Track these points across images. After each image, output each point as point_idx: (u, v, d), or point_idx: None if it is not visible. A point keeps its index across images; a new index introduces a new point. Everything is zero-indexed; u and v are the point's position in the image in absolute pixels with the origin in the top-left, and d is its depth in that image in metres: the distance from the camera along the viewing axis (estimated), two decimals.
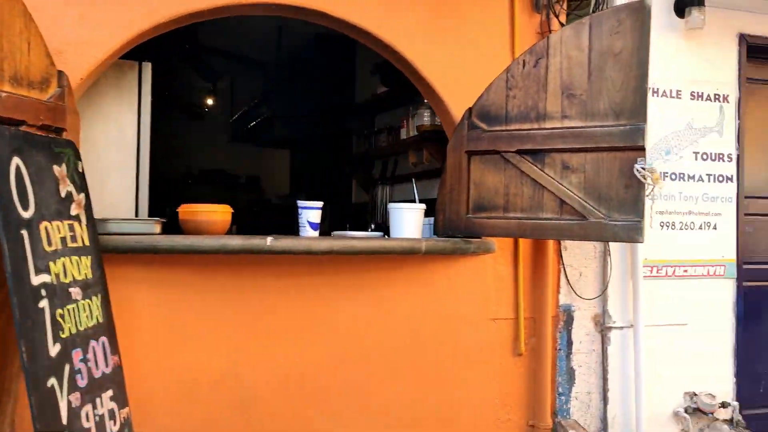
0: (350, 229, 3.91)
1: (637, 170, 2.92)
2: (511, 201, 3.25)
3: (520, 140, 3.21)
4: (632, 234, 2.96)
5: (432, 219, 3.50)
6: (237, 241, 2.91)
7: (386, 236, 3.43)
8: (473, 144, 3.33)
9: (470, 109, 3.32)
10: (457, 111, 3.39)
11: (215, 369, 3.09)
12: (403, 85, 4.14)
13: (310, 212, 3.16)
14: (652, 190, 2.93)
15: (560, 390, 3.60)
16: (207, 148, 8.87)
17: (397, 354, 3.35)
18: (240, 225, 6.67)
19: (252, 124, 8.05)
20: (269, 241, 2.96)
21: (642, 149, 2.93)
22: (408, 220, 3.35)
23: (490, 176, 3.30)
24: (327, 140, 7.26)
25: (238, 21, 4.47)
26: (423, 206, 3.44)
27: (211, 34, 6.12)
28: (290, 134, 7.77)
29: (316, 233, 3.20)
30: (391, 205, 3.41)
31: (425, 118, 4.41)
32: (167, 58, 6.47)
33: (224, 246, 2.89)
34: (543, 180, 3.15)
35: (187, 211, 2.98)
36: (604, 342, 3.67)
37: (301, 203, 3.11)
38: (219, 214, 3.00)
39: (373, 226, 5.72)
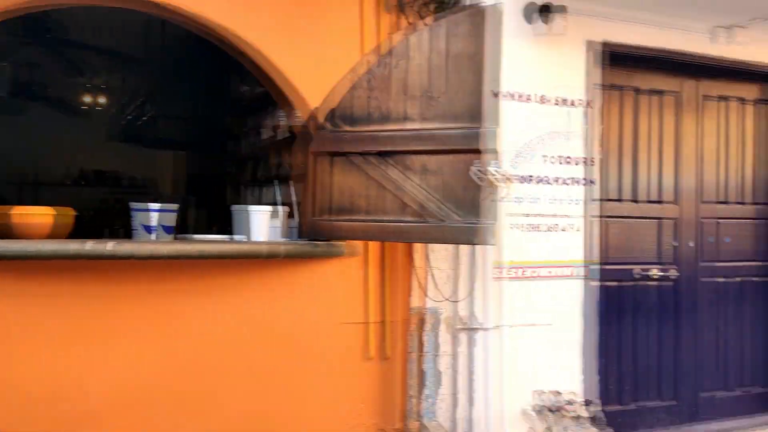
0: (221, 233, 3.76)
1: (476, 173, 2.93)
2: (364, 203, 3.21)
3: (372, 142, 3.17)
4: (486, 237, 2.97)
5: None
6: (52, 246, 2.69)
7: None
8: (326, 145, 3.28)
9: (333, 110, 3.26)
10: (321, 112, 3.30)
11: (51, 382, 2.88)
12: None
13: (142, 214, 2.99)
14: (497, 193, 2.95)
15: (427, 392, 3.57)
16: (92, 148, 8.42)
17: (246, 361, 3.25)
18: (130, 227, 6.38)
19: (137, 123, 7.70)
20: (111, 245, 2.78)
21: (484, 152, 2.93)
22: (254, 222, 3.25)
23: (344, 178, 3.25)
24: (211, 141, 7.05)
25: (113, 16, 4.25)
26: (269, 208, 3.35)
27: (85, 29, 5.79)
28: (176, 135, 7.52)
29: (152, 236, 3.05)
30: (234, 207, 3.30)
31: (283, 118, 4.31)
32: (36, 55, 6.11)
33: (38, 251, 2.66)
34: (395, 182, 3.12)
35: None
36: (469, 343, 3.67)
37: (134, 205, 2.94)
38: (37, 216, 2.78)
39: None
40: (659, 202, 4.40)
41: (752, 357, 4.67)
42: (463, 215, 3.00)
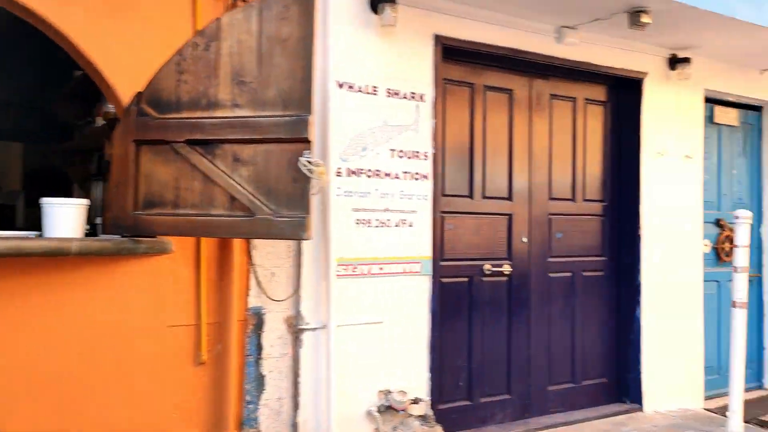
0: None
1: (303, 164, 2.79)
2: (182, 196, 2.97)
3: (190, 129, 2.94)
4: (298, 231, 2.82)
5: None
6: None
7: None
8: (142, 133, 3.00)
9: (140, 94, 2.99)
10: (128, 96, 3.03)
11: None
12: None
13: None
14: (314, 186, 2.80)
15: (248, 398, 3.37)
16: None
17: (51, 374, 2.91)
18: None
19: None
20: None
21: (307, 141, 2.80)
22: (61, 216, 2.93)
23: (160, 169, 2.99)
24: (52, 131, 6.47)
25: None
26: (83, 201, 3.05)
27: None
28: (14, 124, 6.84)
29: None
30: (43, 200, 2.96)
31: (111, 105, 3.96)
32: None
33: None
34: (213, 173, 2.91)
35: None
36: (296, 345, 3.51)
37: None
38: None
39: (87, 227, 5.14)
40: (498, 198, 4.45)
41: (590, 350, 4.83)
42: (276, 208, 2.84)
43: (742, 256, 4.14)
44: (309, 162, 2.79)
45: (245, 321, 3.39)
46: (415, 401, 3.73)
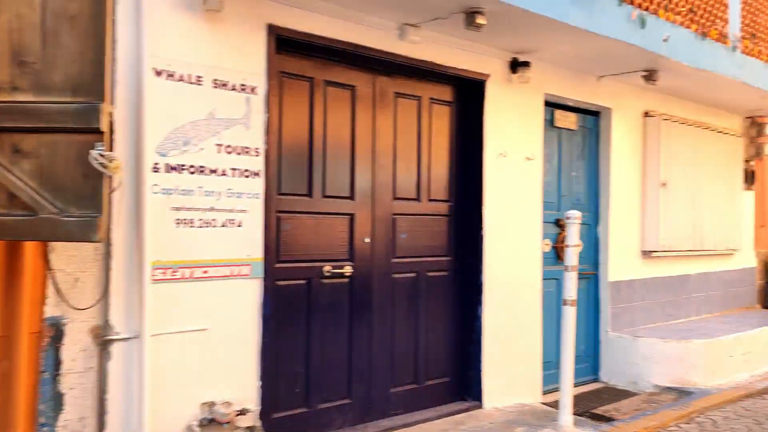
0: None
1: (94, 158, 2.50)
2: None
3: None
4: (89, 232, 2.52)
5: None
6: None
7: None
8: None
9: None
10: None
11: None
12: None
13: None
14: (119, 185, 2.52)
15: (43, 420, 3.00)
16: None
17: None
18: None
19: None
20: None
21: (100, 132, 2.51)
22: None
23: None
24: None
25: None
26: None
27: None
28: None
29: None
30: None
31: None
32: None
33: None
34: None
35: None
36: (104, 357, 3.18)
37: None
38: None
39: None
40: (340, 198, 4.30)
41: (434, 350, 4.80)
42: (64, 207, 2.54)
43: (572, 256, 4.25)
44: (102, 156, 2.50)
45: (40, 333, 3.01)
46: (242, 412, 3.50)
